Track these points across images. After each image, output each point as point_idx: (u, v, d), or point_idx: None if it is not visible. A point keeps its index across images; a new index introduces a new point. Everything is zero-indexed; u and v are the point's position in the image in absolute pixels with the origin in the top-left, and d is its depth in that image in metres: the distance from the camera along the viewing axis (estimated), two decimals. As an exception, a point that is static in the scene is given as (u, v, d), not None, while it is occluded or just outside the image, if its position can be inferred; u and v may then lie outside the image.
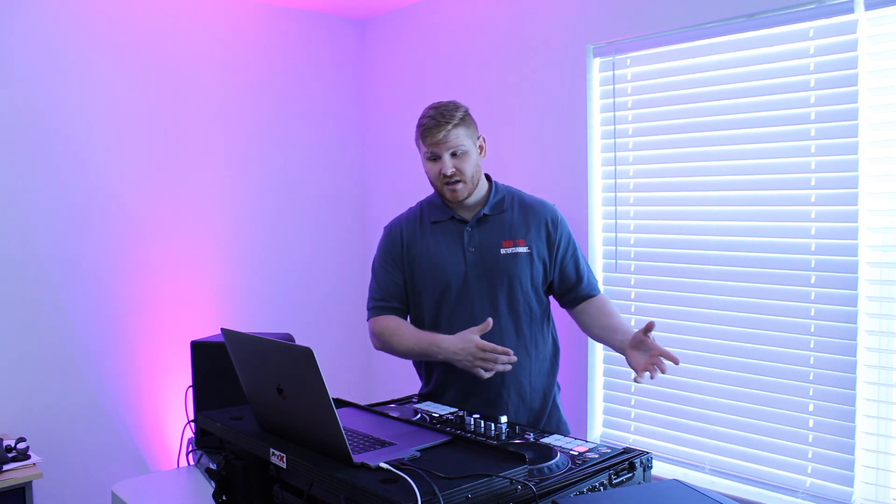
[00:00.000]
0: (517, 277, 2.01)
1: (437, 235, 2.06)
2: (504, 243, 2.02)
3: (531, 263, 2.03)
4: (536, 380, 2.08)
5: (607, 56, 2.69)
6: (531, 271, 2.03)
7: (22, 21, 2.81)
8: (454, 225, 2.06)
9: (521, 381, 2.04)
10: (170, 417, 3.16)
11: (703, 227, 2.47)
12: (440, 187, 2.03)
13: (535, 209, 2.08)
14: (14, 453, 2.45)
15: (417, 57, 3.48)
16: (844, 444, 2.15)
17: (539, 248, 2.04)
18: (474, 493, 1.17)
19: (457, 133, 1.97)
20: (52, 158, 2.89)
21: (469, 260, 2.02)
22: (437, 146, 1.97)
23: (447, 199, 2.04)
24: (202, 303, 3.30)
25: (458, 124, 1.97)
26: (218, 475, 1.53)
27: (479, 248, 2.02)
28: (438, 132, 1.95)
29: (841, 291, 2.16)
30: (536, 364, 2.08)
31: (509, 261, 2.01)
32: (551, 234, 2.05)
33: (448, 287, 2.03)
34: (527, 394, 2.05)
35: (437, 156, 1.98)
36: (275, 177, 3.52)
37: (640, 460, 1.47)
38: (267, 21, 3.47)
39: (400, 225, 2.15)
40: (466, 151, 1.99)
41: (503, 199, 2.08)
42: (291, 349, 1.32)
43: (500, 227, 2.04)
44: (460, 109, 2.01)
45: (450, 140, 1.96)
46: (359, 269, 3.84)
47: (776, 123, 2.27)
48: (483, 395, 2.02)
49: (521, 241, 2.02)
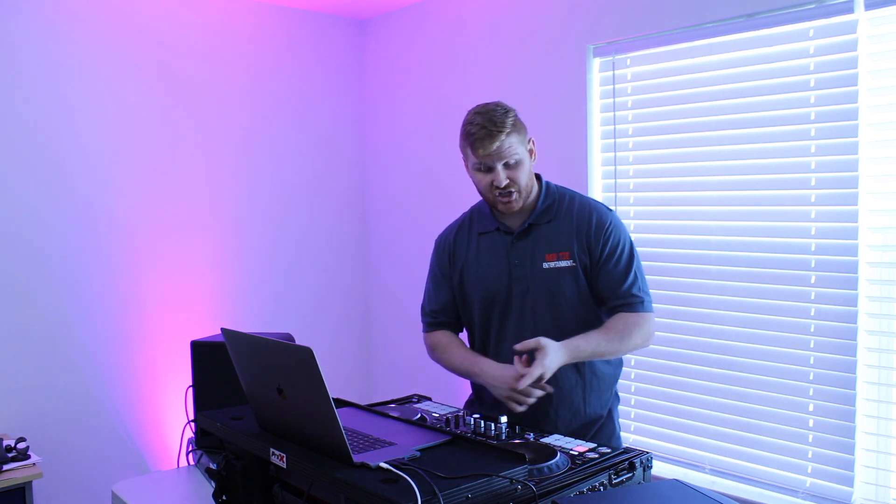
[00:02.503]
0: (560, 293, 1.88)
1: (482, 247, 1.97)
2: (547, 256, 1.88)
3: (574, 276, 1.88)
4: (592, 397, 1.92)
5: (607, 56, 2.69)
6: (575, 284, 1.88)
7: (21, 21, 2.81)
8: (500, 237, 1.94)
9: (573, 399, 1.90)
10: (170, 417, 3.16)
11: (702, 226, 2.47)
12: (492, 200, 1.88)
13: (582, 216, 1.90)
14: (14, 453, 2.45)
15: (417, 57, 3.47)
16: (844, 444, 2.15)
17: (582, 259, 1.88)
18: (474, 493, 1.17)
19: (510, 142, 1.80)
20: (51, 158, 2.89)
21: (513, 274, 1.90)
22: (489, 158, 1.80)
23: (500, 210, 1.91)
24: (202, 303, 3.30)
25: (510, 132, 1.80)
26: (218, 475, 1.53)
27: (522, 262, 1.90)
28: (491, 143, 1.78)
29: (841, 291, 2.16)
30: (594, 381, 1.92)
31: (552, 275, 1.87)
32: (593, 243, 1.87)
33: (493, 302, 1.93)
34: (580, 412, 1.91)
35: (490, 167, 1.82)
36: (275, 176, 3.52)
37: (640, 460, 1.47)
38: (267, 21, 3.47)
39: (447, 238, 2.05)
40: (520, 160, 1.83)
41: (552, 204, 1.93)
42: (291, 349, 1.32)
43: (546, 239, 1.90)
44: (510, 114, 1.83)
45: (503, 150, 1.80)
46: (359, 270, 3.85)
47: (776, 123, 2.27)
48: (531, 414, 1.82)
49: (564, 253, 1.87)
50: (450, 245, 2.03)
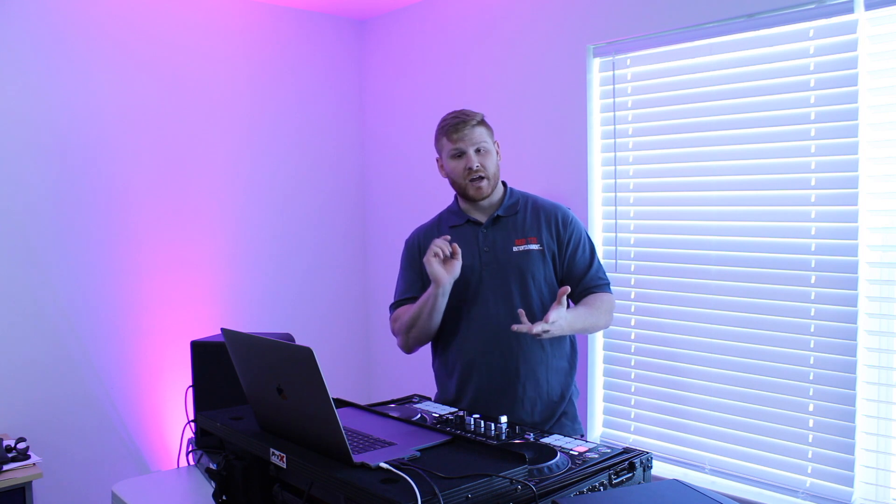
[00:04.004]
0: (529, 272, 2.08)
1: (453, 238, 2.10)
2: (517, 241, 2.11)
3: (543, 260, 2.10)
4: (553, 376, 2.12)
5: (607, 56, 2.69)
6: (543, 267, 2.10)
7: (21, 21, 2.81)
8: (469, 227, 2.15)
9: (538, 375, 2.10)
10: (170, 417, 3.16)
11: (703, 226, 2.47)
12: (464, 185, 2.11)
13: (547, 210, 2.16)
14: (14, 453, 2.45)
15: (417, 57, 3.48)
16: (844, 444, 2.15)
17: (550, 246, 2.11)
18: (474, 493, 1.17)
19: (480, 131, 2.09)
20: (51, 158, 2.89)
21: (483, 259, 2.10)
22: (462, 141, 2.07)
23: (471, 196, 2.12)
24: (202, 303, 3.30)
25: (479, 123, 2.10)
26: (218, 475, 1.53)
27: (492, 247, 2.11)
28: (464, 127, 2.07)
29: (841, 291, 2.16)
30: (554, 361, 2.12)
31: (521, 257, 2.09)
32: (561, 232, 2.12)
33: (465, 285, 2.09)
34: (543, 389, 2.10)
35: (462, 151, 2.08)
36: (275, 177, 3.52)
37: (640, 460, 1.47)
38: (267, 21, 3.48)
39: (417, 236, 2.24)
40: (489, 150, 2.10)
41: (517, 201, 2.17)
42: (291, 349, 1.32)
43: (514, 227, 2.13)
44: (479, 114, 2.13)
45: (474, 136, 2.08)
46: (359, 270, 3.85)
47: (776, 123, 2.27)
48: (500, 388, 2.09)
49: (533, 238, 2.11)
50: (419, 240, 2.21)
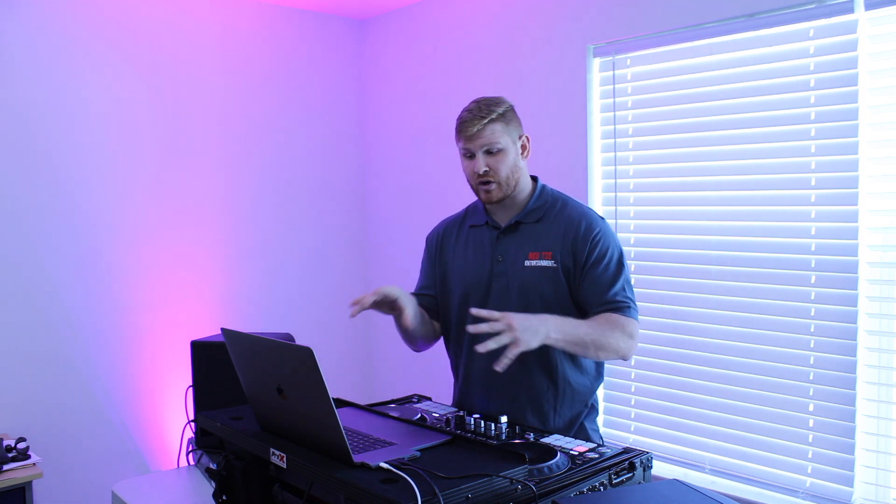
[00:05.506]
0: (538, 292, 1.84)
1: (470, 241, 1.98)
2: (530, 255, 1.87)
3: (555, 277, 1.84)
4: (563, 407, 1.87)
5: (607, 56, 2.69)
6: (554, 287, 1.84)
7: (21, 21, 2.81)
8: (487, 231, 1.94)
9: (544, 407, 1.86)
10: (170, 417, 3.16)
11: (703, 226, 2.47)
12: (475, 187, 1.88)
13: (570, 219, 1.88)
14: (14, 453, 2.45)
15: (417, 57, 3.47)
16: (844, 444, 2.15)
17: (565, 261, 1.84)
18: (474, 493, 1.17)
19: (493, 129, 1.81)
20: (52, 158, 2.89)
21: (494, 269, 1.90)
22: (470, 141, 1.82)
23: (482, 199, 1.91)
24: (202, 303, 3.30)
25: (495, 119, 1.81)
26: (218, 475, 1.53)
27: (505, 257, 1.89)
28: (472, 126, 1.80)
29: (841, 291, 2.16)
30: (567, 390, 1.86)
31: (531, 272, 1.86)
32: (579, 246, 1.84)
33: (472, 294, 1.92)
34: (549, 420, 1.86)
35: (472, 153, 1.84)
36: (275, 176, 3.52)
37: (640, 460, 1.47)
38: (267, 21, 3.47)
39: (438, 230, 2.08)
40: (502, 150, 1.82)
41: (544, 205, 1.91)
42: (291, 349, 1.32)
43: (531, 237, 1.88)
44: (502, 105, 1.84)
45: (484, 136, 1.80)
46: (359, 269, 3.85)
47: (776, 123, 2.27)
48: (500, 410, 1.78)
49: (547, 253, 1.85)
50: (439, 238, 2.07)
